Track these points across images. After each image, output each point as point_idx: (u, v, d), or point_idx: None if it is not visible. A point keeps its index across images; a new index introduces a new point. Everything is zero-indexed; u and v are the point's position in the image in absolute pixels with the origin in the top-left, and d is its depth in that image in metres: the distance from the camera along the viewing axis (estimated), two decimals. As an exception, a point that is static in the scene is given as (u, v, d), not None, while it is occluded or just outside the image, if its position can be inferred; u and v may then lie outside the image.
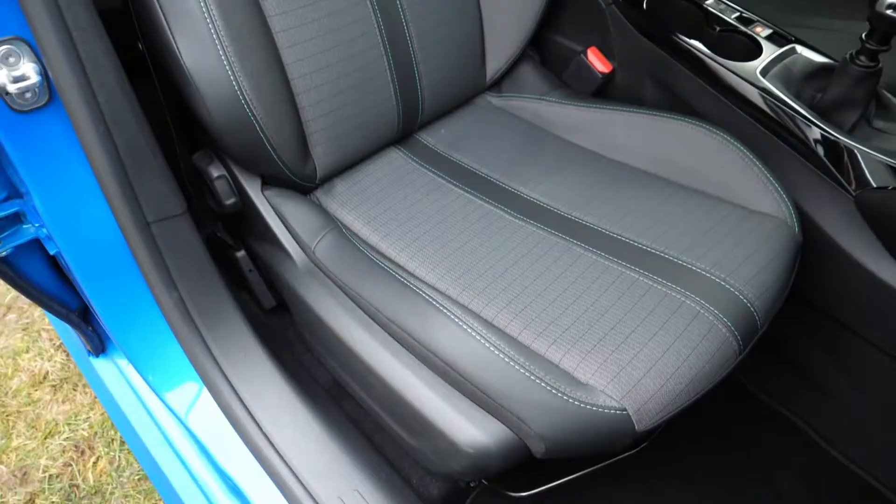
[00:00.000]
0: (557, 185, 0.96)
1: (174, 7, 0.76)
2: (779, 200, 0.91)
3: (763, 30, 1.06)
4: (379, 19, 0.94)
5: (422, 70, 1.01)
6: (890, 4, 0.84)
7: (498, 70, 1.12)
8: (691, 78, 1.04)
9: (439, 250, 0.87)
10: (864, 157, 0.89)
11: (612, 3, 1.11)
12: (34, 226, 0.85)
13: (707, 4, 1.10)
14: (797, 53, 1.03)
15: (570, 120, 1.08)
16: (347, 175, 1.01)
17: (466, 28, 1.05)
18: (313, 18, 0.88)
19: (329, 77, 0.90)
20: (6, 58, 0.68)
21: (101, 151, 0.70)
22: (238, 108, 0.80)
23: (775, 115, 0.96)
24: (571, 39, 1.20)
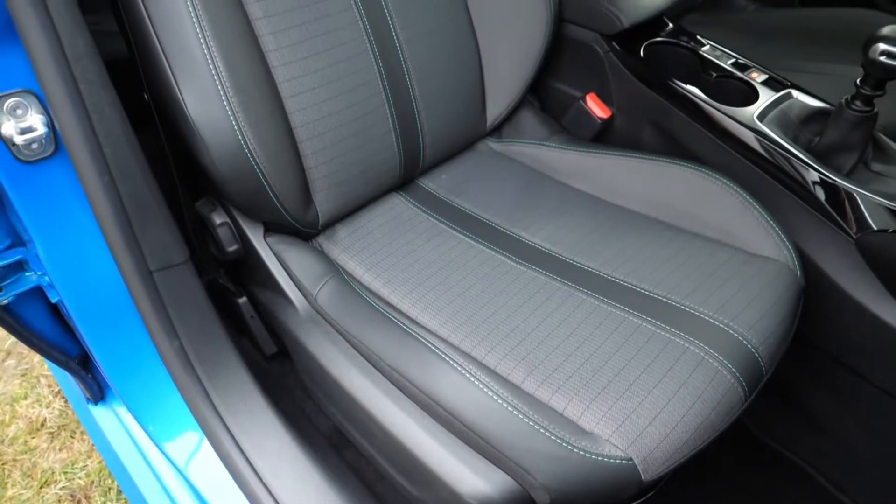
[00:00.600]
0: (559, 230, 0.97)
1: (180, 59, 0.77)
2: (780, 244, 0.91)
3: (759, 75, 1.08)
4: (381, 68, 0.96)
5: (423, 117, 1.02)
6: (883, 51, 0.86)
7: (498, 116, 1.14)
8: (689, 123, 1.05)
9: (441, 296, 0.87)
10: (864, 200, 0.89)
11: (609, 51, 1.13)
12: (36, 274, 0.85)
13: (703, 51, 1.12)
14: (793, 98, 1.04)
15: (570, 165, 1.09)
16: (349, 221, 1.01)
17: (467, 75, 1.07)
18: (317, 69, 0.89)
19: (331, 125, 0.92)
20: (14, 110, 0.69)
21: (106, 201, 0.70)
22: (242, 157, 0.81)
23: (773, 158, 0.97)
24: (570, 86, 1.22)
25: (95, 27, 1.47)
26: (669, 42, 1.14)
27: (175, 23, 0.76)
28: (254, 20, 0.84)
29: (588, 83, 1.19)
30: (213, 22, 0.77)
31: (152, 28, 0.77)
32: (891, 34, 0.85)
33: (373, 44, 0.95)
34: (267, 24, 0.85)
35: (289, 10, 0.87)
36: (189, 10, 0.76)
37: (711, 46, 1.13)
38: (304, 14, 0.88)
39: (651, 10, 1.13)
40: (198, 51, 0.76)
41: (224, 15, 0.79)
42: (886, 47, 0.85)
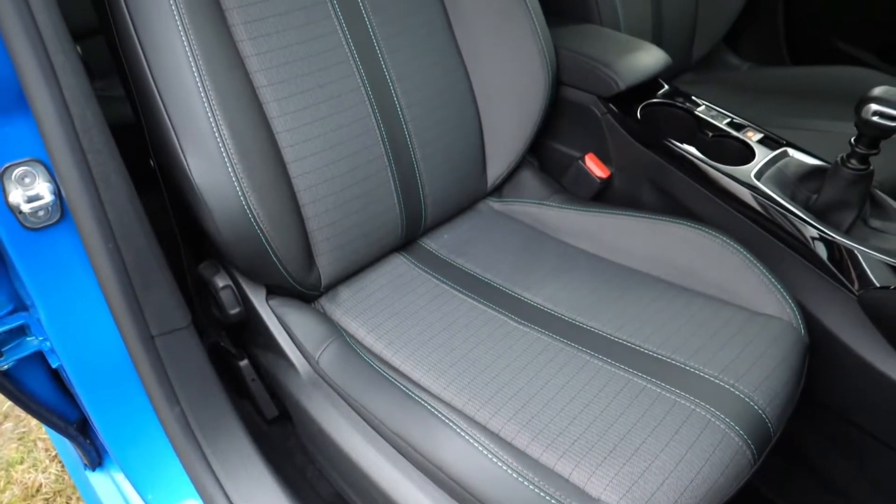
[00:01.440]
0: (561, 290, 0.97)
1: (185, 126, 0.79)
2: (782, 302, 0.91)
3: (754, 134, 1.10)
4: (383, 132, 0.97)
5: (424, 179, 1.04)
6: (875, 111, 0.87)
7: (499, 176, 1.15)
8: (687, 182, 1.06)
9: (444, 358, 0.86)
10: (865, 256, 0.90)
11: (606, 113, 1.16)
12: (38, 339, 0.85)
13: (698, 111, 1.14)
14: (789, 156, 1.06)
15: (570, 224, 1.10)
16: (351, 282, 1.01)
17: (467, 137, 1.09)
18: (320, 133, 0.91)
19: (334, 188, 0.93)
20: (22, 178, 0.70)
21: (109, 267, 0.71)
22: (245, 222, 0.81)
23: (772, 216, 0.97)
24: (569, 146, 1.24)
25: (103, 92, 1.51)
26: (665, 103, 1.16)
27: (181, 90, 0.78)
28: (258, 88, 0.86)
29: (587, 143, 1.21)
30: (218, 90, 0.79)
31: (158, 95, 0.79)
32: (882, 95, 0.87)
33: (375, 108, 0.97)
34: (271, 91, 0.87)
35: (293, 78, 0.89)
36: (195, 79, 0.78)
37: (707, 106, 1.15)
38: (308, 81, 0.90)
39: (646, 73, 1.16)
40: (203, 118, 0.78)
41: (229, 83, 0.81)
42: (878, 108, 0.87)
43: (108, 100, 1.19)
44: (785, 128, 1.36)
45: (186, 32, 0.77)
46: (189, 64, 0.77)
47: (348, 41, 0.94)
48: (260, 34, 0.86)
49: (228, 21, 0.84)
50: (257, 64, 0.86)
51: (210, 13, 0.81)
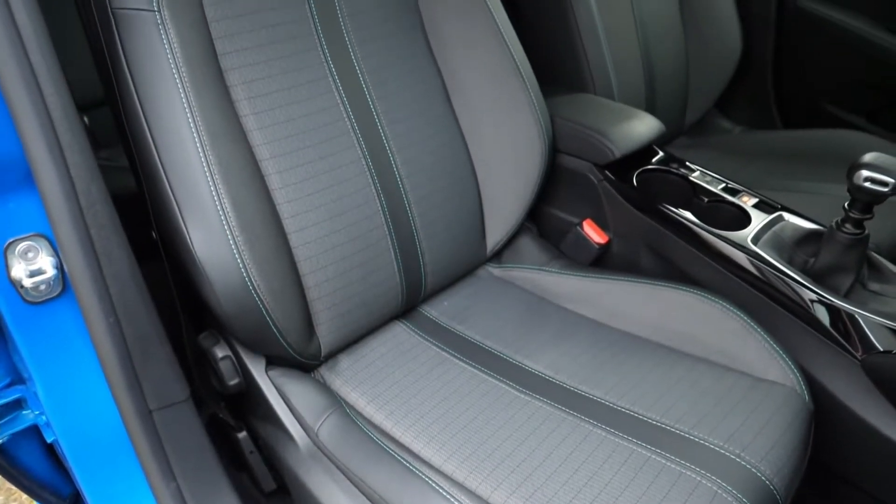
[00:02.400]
0: (562, 357, 0.96)
1: (188, 198, 0.80)
2: (785, 367, 0.91)
3: (749, 199, 1.11)
4: (382, 201, 0.99)
5: (424, 247, 1.04)
6: (867, 178, 0.89)
7: (498, 242, 1.16)
8: (685, 247, 1.07)
9: (445, 428, 0.85)
10: (866, 321, 0.90)
11: (603, 180, 1.17)
12: (34, 413, 0.84)
13: (693, 177, 1.16)
14: (785, 220, 1.07)
15: (570, 289, 1.10)
16: (351, 350, 1.01)
17: (467, 205, 1.10)
18: (321, 204, 0.92)
19: (335, 258, 0.94)
20: (25, 253, 0.70)
21: (109, 342, 0.71)
22: (246, 294, 0.82)
23: (771, 281, 0.98)
24: (567, 212, 1.26)
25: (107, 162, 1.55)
26: (661, 169, 1.18)
27: (184, 165, 0.80)
28: (261, 160, 0.88)
29: (584, 209, 1.22)
30: (221, 164, 0.80)
31: (162, 168, 0.80)
32: (873, 161, 0.89)
33: (375, 178, 0.98)
34: (274, 163, 0.89)
35: (295, 150, 0.91)
36: (199, 153, 0.79)
37: (701, 172, 1.17)
38: (310, 153, 0.92)
39: (641, 140, 1.19)
40: (206, 192, 0.79)
41: (232, 156, 0.83)
42: (869, 174, 0.88)
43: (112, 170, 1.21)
44: (779, 190, 1.38)
45: (191, 108, 0.79)
46: (193, 138, 0.79)
47: (349, 114, 0.97)
48: (263, 109, 0.89)
49: (232, 96, 0.87)
50: (260, 137, 0.88)
51: (214, 88, 0.83)
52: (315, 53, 0.94)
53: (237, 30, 0.87)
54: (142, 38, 0.78)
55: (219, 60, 0.85)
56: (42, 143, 0.63)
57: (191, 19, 0.81)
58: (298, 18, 0.93)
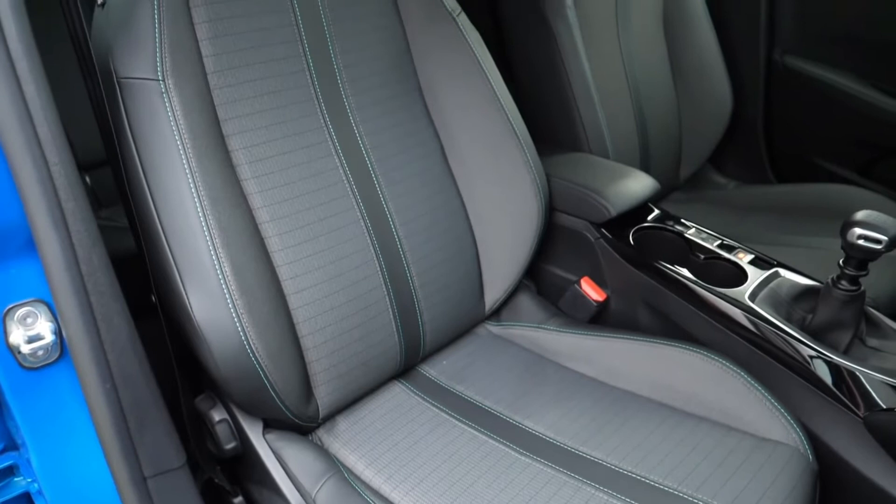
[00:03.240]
0: (562, 417, 0.95)
1: (188, 262, 0.80)
2: (787, 427, 0.90)
3: (745, 255, 1.12)
4: (381, 261, 1.00)
5: (423, 306, 1.05)
6: (860, 235, 0.90)
7: (496, 301, 1.16)
8: (683, 304, 1.07)
9: (445, 493, 0.84)
10: (867, 378, 0.89)
11: (600, 238, 1.19)
12: (26, 480, 0.83)
13: (689, 234, 1.17)
14: (781, 277, 1.07)
15: (569, 347, 1.10)
16: (350, 412, 1.00)
17: (465, 264, 1.11)
18: (320, 265, 0.93)
19: (334, 318, 0.94)
20: (24, 319, 0.70)
21: (105, 408, 0.70)
22: (244, 357, 0.81)
23: (770, 338, 0.98)
24: (565, 270, 1.26)
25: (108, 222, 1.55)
26: (656, 227, 1.20)
27: (185, 229, 0.80)
28: (260, 223, 0.89)
29: (581, 267, 1.23)
30: (221, 228, 0.81)
31: (162, 232, 0.81)
32: (865, 219, 0.90)
33: (373, 239, 0.99)
34: (273, 226, 0.90)
35: (295, 213, 0.92)
36: (199, 218, 0.80)
37: (697, 229, 1.19)
38: (309, 215, 0.93)
39: (636, 199, 1.20)
40: (206, 256, 0.80)
41: (232, 220, 0.83)
42: (863, 231, 0.89)
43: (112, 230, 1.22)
44: (774, 245, 1.39)
45: (193, 173, 0.80)
46: (194, 203, 0.80)
47: (348, 176, 0.98)
48: (264, 172, 0.90)
49: (233, 160, 0.88)
50: (260, 200, 0.89)
51: (216, 154, 0.84)
52: (315, 118, 0.96)
53: (239, 96, 0.89)
54: (146, 106, 0.80)
55: (221, 126, 0.87)
56: (45, 213, 0.64)
57: (194, 87, 0.83)
58: (300, 85, 0.95)
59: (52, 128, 0.63)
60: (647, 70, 1.61)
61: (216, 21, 0.87)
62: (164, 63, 0.80)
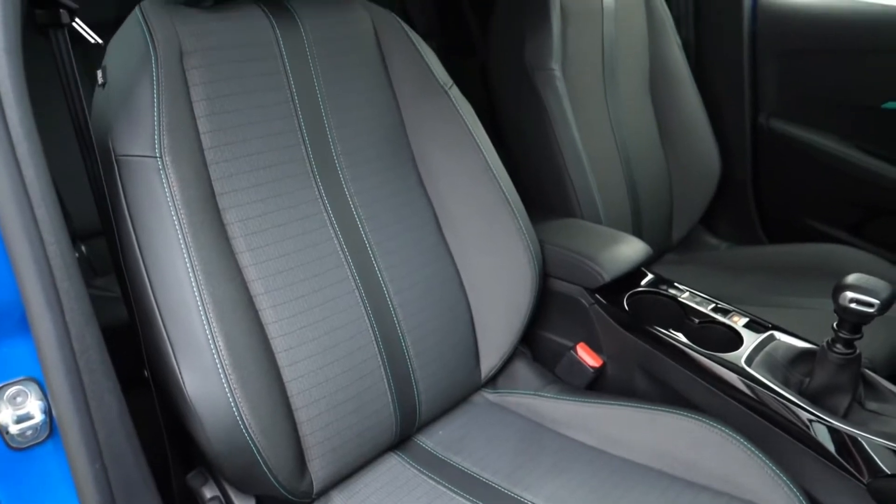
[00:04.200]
0: (561, 489, 0.94)
1: (182, 338, 0.80)
2: (790, 494, 0.88)
3: (740, 319, 1.13)
4: (376, 331, 0.99)
5: (418, 376, 1.04)
6: (852, 299, 0.90)
7: (492, 368, 1.15)
8: (679, 370, 1.07)
9: (442, 571, 0.81)
10: (869, 443, 0.88)
11: (594, 303, 1.19)
12: (10, 563, 0.80)
13: (683, 298, 1.18)
14: (777, 340, 1.07)
15: (567, 415, 1.08)
16: (344, 486, 0.98)
17: (460, 332, 1.11)
18: (314, 337, 0.93)
19: (328, 390, 0.93)
20: (14, 398, 0.70)
21: (94, 489, 0.69)
22: (237, 433, 0.80)
23: (768, 403, 0.97)
24: (560, 335, 1.26)
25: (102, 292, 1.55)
26: (651, 291, 1.20)
27: (179, 304, 0.81)
28: (255, 295, 0.89)
29: (577, 333, 1.23)
30: (216, 302, 0.81)
31: (157, 307, 0.81)
32: (856, 282, 0.91)
33: (368, 309, 0.99)
34: (268, 298, 0.90)
35: (290, 284, 0.92)
36: (194, 293, 0.80)
37: (691, 293, 1.19)
38: (304, 287, 0.93)
39: (629, 264, 1.21)
40: (200, 331, 0.80)
41: (226, 293, 0.84)
42: (854, 295, 0.90)
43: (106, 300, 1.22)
44: (768, 306, 1.40)
45: (188, 248, 0.81)
46: (189, 279, 0.80)
47: (343, 246, 0.99)
48: (259, 245, 0.91)
49: (229, 233, 0.89)
50: (255, 273, 0.90)
51: (211, 228, 0.85)
52: (310, 190, 0.98)
53: (236, 170, 0.91)
54: (143, 182, 0.81)
55: (217, 200, 0.88)
56: (40, 292, 0.64)
57: (191, 163, 0.85)
58: (295, 158, 0.97)
59: (49, 209, 0.64)
60: (635, 135, 1.65)
61: (214, 99, 0.90)
62: (162, 140, 0.82)
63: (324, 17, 1.02)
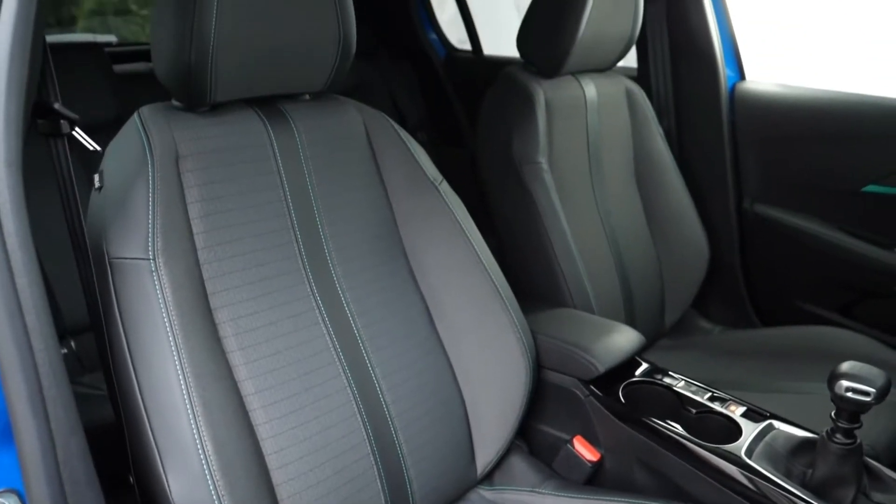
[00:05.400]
0: None
1: (169, 443, 0.79)
2: None
3: (737, 408, 1.11)
4: (368, 430, 0.98)
5: (412, 474, 1.01)
6: (848, 388, 0.90)
7: (488, 464, 1.13)
8: (678, 462, 1.05)
9: None
10: (880, 539, 0.86)
11: (589, 395, 1.18)
12: None
13: (679, 388, 1.17)
14: (776, 430, 1.06)
15: (565, 512, 1.05)
16: None
17: (454, 427, 1.09)
18: (305, 437, 0.91)
19: (320, 493, 0.90)
20: (-8, 511, 0.67)
21: None
22: (224, 541, 0.78)
23: (771, 496, 0.95)
24: (557, 428, 1.24)
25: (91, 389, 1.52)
26: (646, 381, 1.19)
27: (168, 409, 0.79)
28: (245, 396, 0.88)
29: (573, 425, 1.21)
30: (205, 405, 0.80)
31: (144, 411, 0.80)
32: (850, 371, 0.90)
33: (360, 407, 0.98)
34: (258, 398, 0.89)
35: (280, 383, 0.91)
36: (184, 397, 0.79)
37: (686, 382, 1.18)
38: (295, 385, 0.92)
39: (623, 354, 1.21)
40: (188, 436, 0.78)
41: (216, 394, 0.83)
42: (850, 384, 0.89)
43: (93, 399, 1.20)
44: (765, 391, 1.38)
45: (179, 350, 0.81)
46: (179, 382, 0.79)
47: (334, 343, 0.99)
48: (250, 344, 0.90)
49: (220, 333, 0.89)
50: (246, 373, 0.89)
51: (202, 328, 0.85)
52: (302, 287, 0.98)
53: (228, 269, 0.91)
54: (135, 285, 0.82)
55: (208, 299, 0.88)
56: (26, 400, 0.63)
57: (184, 264, 0.85)
58: (287, 256, 0.98)
59: (40, 316, 0.64)
60: (623, 222, 1.67)
61: (208, 200, 0.91)
62: (156, 243, 0.83)
63: (316, 119, 1.06)
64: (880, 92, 1.67)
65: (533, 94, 1.49)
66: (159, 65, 0.91)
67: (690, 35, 1.82)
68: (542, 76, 1.54)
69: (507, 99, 1.53)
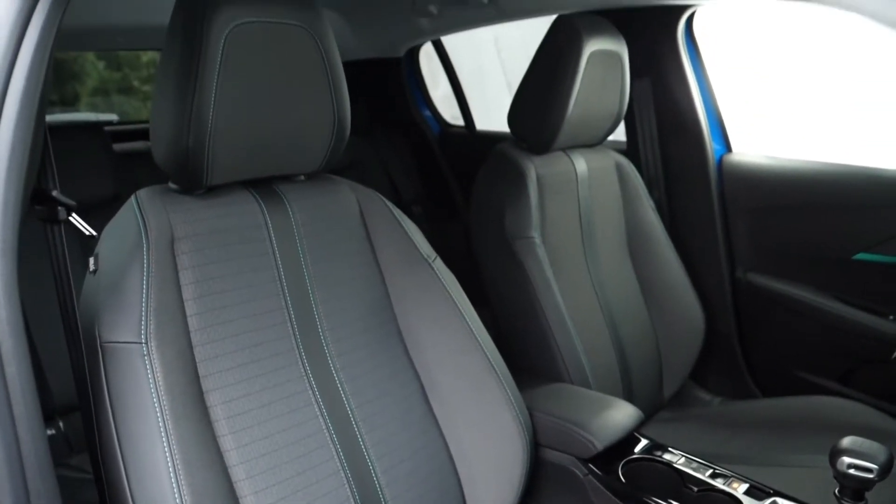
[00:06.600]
0: None
1: None
2: None
3: (740, 485, 1.09)
4: (356, 494, 0.95)
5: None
6: (850, 465, 0.88)
7: (487, 546, 1.10)
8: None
9: None
10: None
11: (588, 474, 1.15)
12: None
13: (678, 465, 1.14)
14: (780, 507, 1.04)
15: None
16: None
17: (449, 508, 1.06)
18: (286, 494, 0.89)
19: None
20: None
21: None
22: None
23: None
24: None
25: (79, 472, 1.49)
26: (646, 458, 1.17)
27: (156, 494, 0.77)
28: (236, 482, 0.86)
29: (573, 504, 1.18)
30: (195, 494, 0.78)
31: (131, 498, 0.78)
32: (850, 447, 0.89)
33: (354, 490, 0.96)
34: (250, 484, 0.87)
35: (273, 468, 0.89)
36: (173, 485, 0.77)
37: (686, 458, 1.16)
38: (287, 469, 0.91)
39: (622, 430, 1.19)
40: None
41: (207, 484, 0.81)
42: (852, 460, 0.88)
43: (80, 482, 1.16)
44: (766, 465, 1.36)
45: (169, 437, 0.79)
46: (168, 470, 0.78)
47: (328, 424, 0.97)
48: (241, 427, 0.89)
49: (211, 416, 0.87)
50: (237, 457, 0.87)
51: (193, 413, 0.84)
52: (296, 367, 0.98)
53: (221, 351, 0.91)
54: (126, 369, 0.81)
55: (200, 382, 0.88)
56: (9, 496, 0.62)
57: (176, 348, 0.85)
58: (281, 336, 0.98)
59: (28, 407, 0.63)
60: (618, 295, 1.68)
61: (202, 281, 0.92)
62: (149, 326, 0.82)
63: (311, 199, 1.07)
64: (862, 157, 1.71)
65: (524, 170, 1.52)
66: (157, 149, 0.93)
67: (676, 110, 1.87)
68: (533, 152, 1.57)
69: (499, 175, 1.56)
